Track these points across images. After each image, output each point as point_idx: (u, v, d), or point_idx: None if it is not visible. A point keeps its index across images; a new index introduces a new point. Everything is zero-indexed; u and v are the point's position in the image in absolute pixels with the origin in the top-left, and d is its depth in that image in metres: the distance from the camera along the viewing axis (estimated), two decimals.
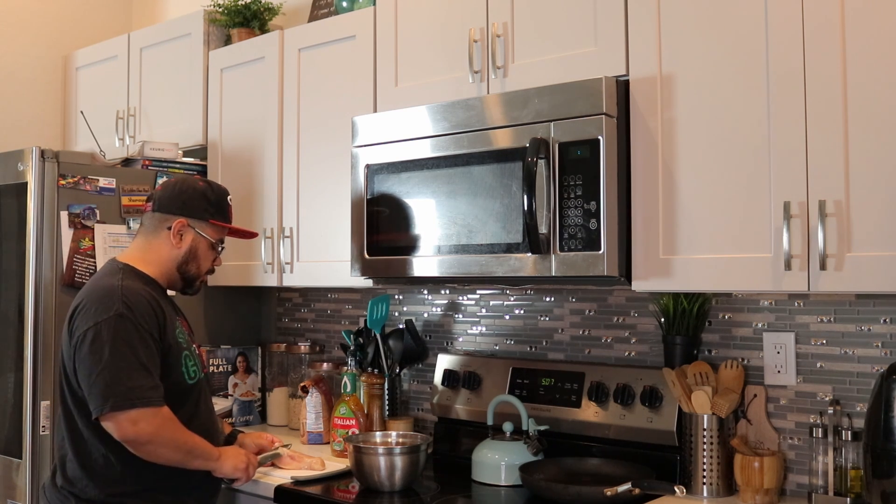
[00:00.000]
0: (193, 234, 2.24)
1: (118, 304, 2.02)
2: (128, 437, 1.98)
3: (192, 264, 2.25)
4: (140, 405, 1.97)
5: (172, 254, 2.23)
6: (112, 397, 1.95)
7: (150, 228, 2.25)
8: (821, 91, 1.85)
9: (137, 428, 1.97)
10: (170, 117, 3.41)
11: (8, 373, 2.87)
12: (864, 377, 2.12)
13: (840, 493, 2.04)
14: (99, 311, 2.02)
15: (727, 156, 1.99)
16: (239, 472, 2.19)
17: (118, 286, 2.07)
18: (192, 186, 2.27)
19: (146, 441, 1.99)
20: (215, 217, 2.27)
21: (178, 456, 2.06)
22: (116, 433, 1.98)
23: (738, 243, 1.97)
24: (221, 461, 2.16)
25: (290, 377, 3.27)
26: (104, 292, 2.07)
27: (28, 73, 3.90)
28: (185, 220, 2.22)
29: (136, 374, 1.98)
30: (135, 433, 1.97)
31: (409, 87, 2.61)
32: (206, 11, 3.32)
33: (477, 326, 2.88)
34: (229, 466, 2.17)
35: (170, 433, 2.03)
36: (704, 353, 2.37)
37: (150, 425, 1.98)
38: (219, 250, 2.31)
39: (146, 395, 1.98)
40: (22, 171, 2.82)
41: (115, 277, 2.11)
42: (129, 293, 2.06)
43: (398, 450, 2.33)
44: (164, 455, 2.04)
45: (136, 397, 1.97)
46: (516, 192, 2.19)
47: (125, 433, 1.97)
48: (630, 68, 2.14)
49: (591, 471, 2.34)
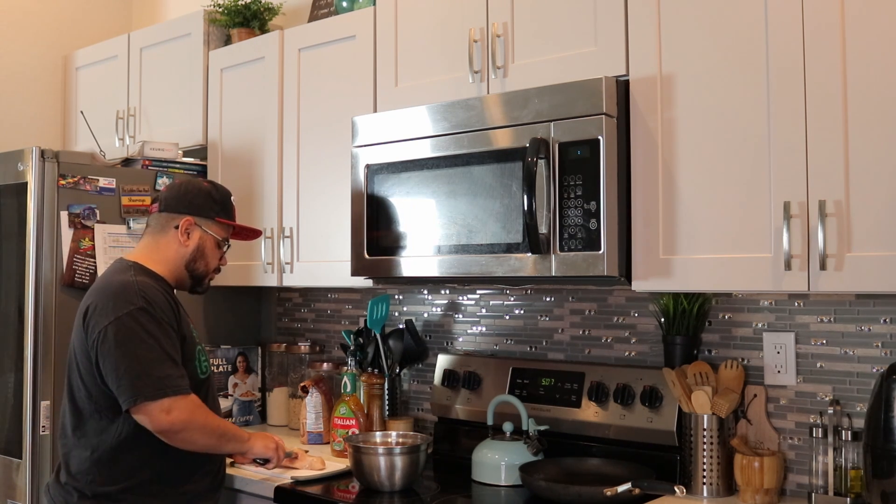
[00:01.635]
0: (200, 232, 2.26)
1: (137, 298, 2.05)
2: (163, 427, 2.01)
3: (199, 262, 2.28)
4: (171, 393, 2.00)
5: (180, 252, 2.25)
6: (143, 388, 1.98)
7: (157, 228, 2.27)
8: (821, 91, 1.85)
9: (171, 416, 2.00)
10: (170, 117, 3.41)
11: (8, 373, 2.87)
12: (864, 377, 2.12)
13: (840, 493, 2.04)
14: (118, 307, 2.04)
15: (727, 156, 1.99)
16: (270, 451, 2.25)
17: (133, 281, 2.10)
18: (198, 186, 2.31)
19: (181, 428, 2.02)
20: (221, 215, 2.30)
21: (212, 440, 2.10)
22: (151, 423, 2.01)
23: (738, 243, 1.97)
24: (252, 442, 2.22)
25: (290, 377, 3.27)
26: (120, 288, 2.09)
27: (28, 73, 3.90)
28: (193, 218, 2.25)
29: (164, 365, 2.02)
30: (169, 422, 2.00)
31: (409, 87, 2.61)
32: (206, 11, 3.32)
33: (477, 326, 2.88)
34: (260, 446, 2.23)
35: (202, 418, 2.07)
36: (704, 353, 2.37)
37: (182, 412, 2.01)
38: (224, 249, 2.34)
39: (176, 383, 2.02)
40: (22, 171, 2.82)
41: (127, 274, 2.13)
42: (146, 287, 2.09)
43: (398, 450, 2.33)
44: (198, 441, 2.07)
45: (167, 386, 2.00)
46: (516, 192, 2.19)
47: (160, 423, 2.00)
48: (630, 68, 2.14)
49: (591, 471, 2.34)
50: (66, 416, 2.15)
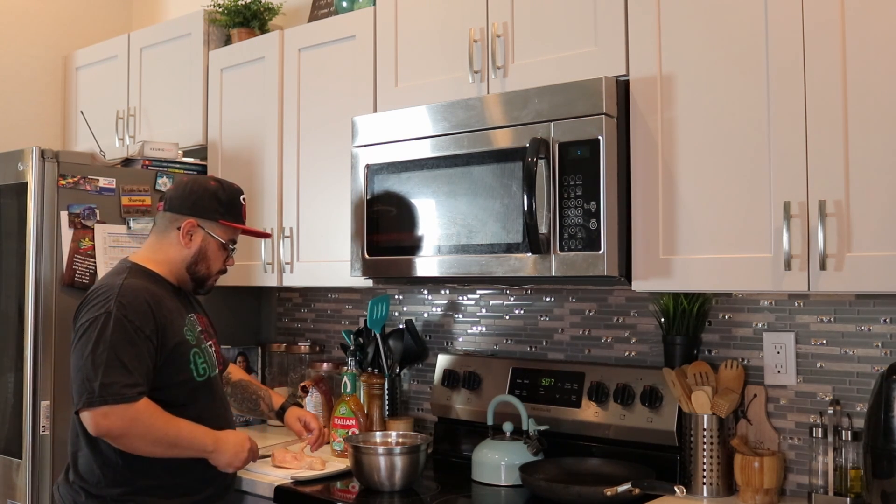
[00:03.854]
0: (203, 235, 2.23)
1: (110, 303, 2.04)
2: (100, 432, 2.00)
3: (201, 265, 2.25)
4: (112, 402, 1.97)
5: (182, 254, 2.23)
6: (86, 393, 1.98)
7: (161, 228, 2.26)
8: (821, 91, 1.85)
9: (108, 422, 1.98)
10: (170, 117, 3.41)
11: (8, 373, 2.87)
12: (864, 377, 2.11)
13: (840, 493, 2.04)
14: (92, 309, 2.05)
15: (727, 156, 1.99)
16: (233, 466, 2.16)
17: (118, 285, 2.08)
18: (203, 186, 2.26)
19: (119, 435, 2.00)
20: (226, 217, 2.25)
21: (160, 449, 2.05)
22: (90, 428, 2.01)
23: (738, 243, 1.97)
24: (217, 453, 2.13)
25: (290, 377, 3.27)
26: (103, 291, 2.09)
27: (28, 73, 3.90)
28: (195, 220, 2.22)
29: (112, 372, 1.98)
30: (106, 427, 1.98)
31: (409, 87, 2.61)
32: (206, 11, 3.32)
33: (477, 326, 2.88)
34: (224, 462, 2.14)
35: (144, 427, 2.01)
36: (704, 353, 2.37)
37: (120, 420, 1.98)
38: (230, 250, 2.30)
39: (120, 391, 1.98)
40: (22, 171, 2.82)
41: (119, 276, 2.12)
42: (127, 292, 2.07)
43: (398, 450, 2.33)
44: (142, 448, 2.04)
45: (108, 394, 1.97)
46: (516, 192, 2.19)
47: (98, 428, 1.99)
48: (630, 68, 2.14)
49: (591, 471, 2.34)
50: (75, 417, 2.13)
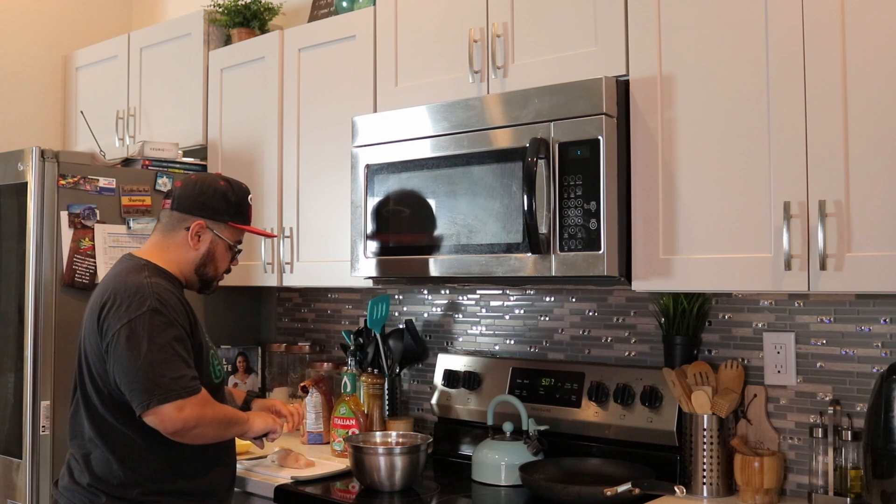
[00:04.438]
0: (212, 236, 2.21)
1: (150, 300, 2.02)
2: (175, 427, 1.98)
3: (209, 266, 2.24)
4: (185, 395, 1.98)
5: (190, 255, 2.20)
6: (157, 390, 1.96)
7: (168, 227, 2.22)
8: (821, 91, 1.85)
9: (184, 414, 1.97)
10: (170, 117, 3.41)
11: (8, 373, 2.87)
12: (864, 377, 2.11)
13: (840, 493, 2.04)
14: (132, 309, 2.02)
15: (727, 155, 1.99)
16: (269, 425, 2.22)
17: (147, 283, 2.06)
18: (213, 186, 2.23)
19: (193, 426, 2.00)
20: (234, 219, 2.24)
21: (220, 430, 2.10)
22: (163, 425, 1.98)
23: (738, 243, 1.97)
24: (252, 422, 2.20)
25: (290, 377, 3.27)
26: (134, 289, 2.05)
27: (28, 73, 3.90)
28: (204, 221, 2.19)
29: (176, 367, 1.99)
30: (182, 420, 1.98)
31: (409, 87, 2.61)
32: (206, 11, 3.32)
33: (477, 326, 2.88)
34: (259, 424, 2.20)
35: (212, 411, 2.05)
36: (704, 353, 2.37)
37: (194, 409, 1.99)
38: (236, 251, 2.29)
39: (189, 384, 1.99)
40: (22, 171, 2.82)
41: (141, 275, 2.10)
42: (159, 289, 2.06)
43: (398, 450, 2.33)
44: (209, 433, 2.07)
45: (180, 387, 1.97)
46: (516, 192, 2.19)
47: (173, 422, 1.97)
48: (630, 68, 2.14)
49: (591, 471, 2.34)
50: (82, 419, 2.11)
